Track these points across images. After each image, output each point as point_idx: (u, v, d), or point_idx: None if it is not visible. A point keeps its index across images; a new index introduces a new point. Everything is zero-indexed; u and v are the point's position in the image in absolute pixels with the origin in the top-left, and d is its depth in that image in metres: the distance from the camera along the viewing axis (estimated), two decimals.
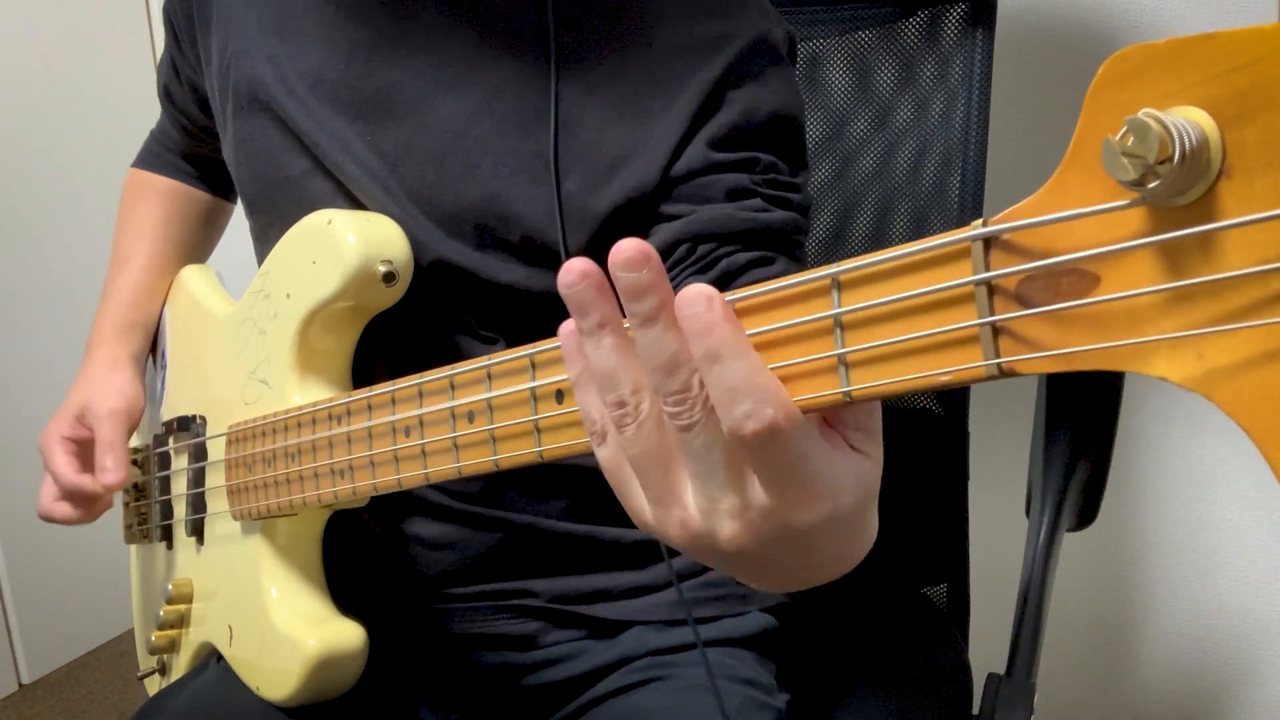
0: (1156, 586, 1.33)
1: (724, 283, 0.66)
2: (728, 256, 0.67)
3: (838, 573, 0.45)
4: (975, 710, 0.84)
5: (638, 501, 0.41)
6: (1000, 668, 0.84)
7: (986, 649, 1.01)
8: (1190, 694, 1.33)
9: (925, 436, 1.04)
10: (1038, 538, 0.87)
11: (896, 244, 0.34)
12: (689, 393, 0.37)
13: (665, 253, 0.68)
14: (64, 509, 0.84)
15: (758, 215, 0.68)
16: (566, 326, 0.41)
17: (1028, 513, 0.89)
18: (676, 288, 0.37)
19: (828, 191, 1.07)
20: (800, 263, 0.71)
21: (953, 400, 1.03)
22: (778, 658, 0.80)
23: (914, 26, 1.01)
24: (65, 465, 0.83)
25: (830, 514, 0.38)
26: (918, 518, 1.04)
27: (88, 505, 0.84)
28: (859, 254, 0.35)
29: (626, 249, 0.37)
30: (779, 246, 0.69)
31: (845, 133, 1.05)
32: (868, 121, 1.04)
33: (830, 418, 0.39)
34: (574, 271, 0.38)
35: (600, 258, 0.38)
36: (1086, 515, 0.89)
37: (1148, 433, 1.27)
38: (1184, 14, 1.17)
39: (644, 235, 0.69)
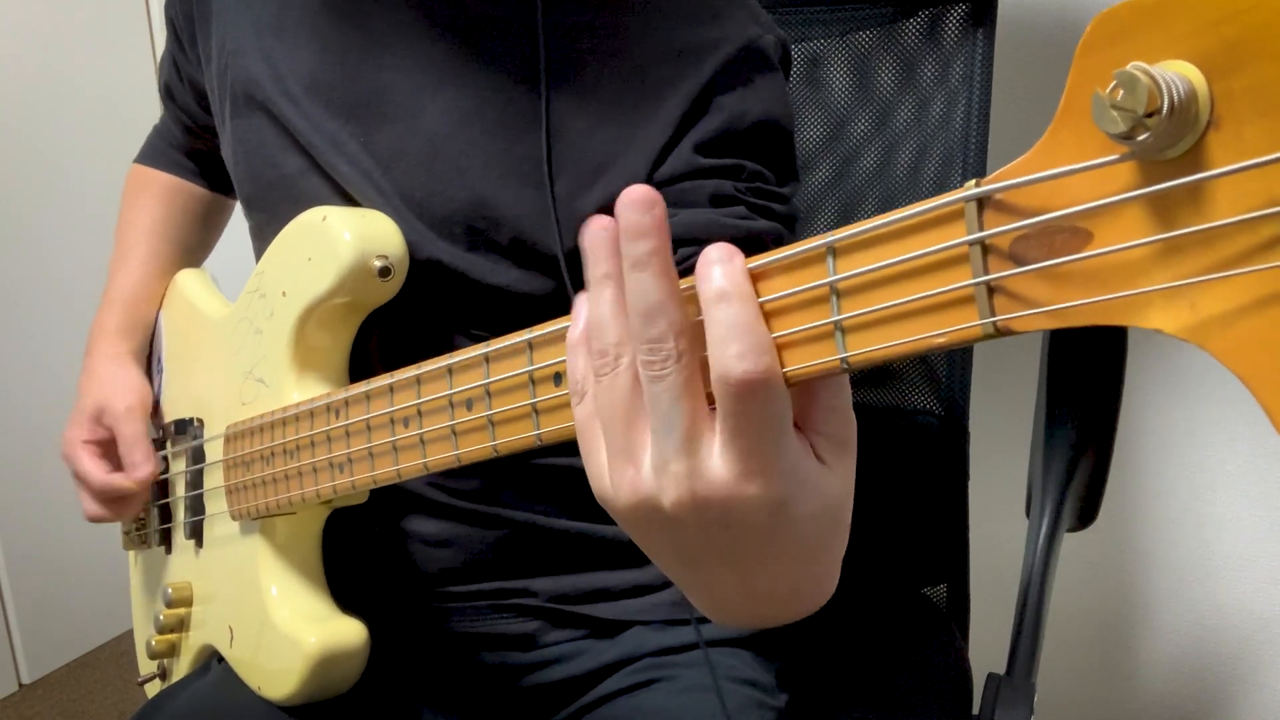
0: (1156, 586, 1.32)
1: None
2: None
3: (788, 609, 0.45)
4: (975, 710, 0.83)
5: (599, 462, 0.42)
6: (1000, 668, 0.84)
7: (986, 649, 1.01)
8: (1190, 694, 1.33)
9: (925, 436, 1.03)
10: (1038, 538, 0.86)
11: None
12: (664, 343, 0.38)
13: None
14: (103, 511, 0.85)
15: (740, 223, 0.67)
16: (581, 294, 0.42)
17: (1028, 513, 0.89)
18: None
19: (828, 191, 1.07)
20: None
21: (952, 400, 1.03)
22: (778, 658, 0.79)
23: (914, 27, 1.01)
24: (96, 468, 0.84)
25: (777, 503, 0.38)
26: (918, 518, 1.03)
27: (125, 504, 0.85)
28: None
29: (636, 190, 0.38)
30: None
31: (845, 133, 1.05)
32: (868, 121, 1.04)
33: (801, 422, 0.39)
34: (596, 222, 0.40)
35: None
36: (1087, 515, 0.89)
37: (1148, 433, 1.27)
38: None
39: None
